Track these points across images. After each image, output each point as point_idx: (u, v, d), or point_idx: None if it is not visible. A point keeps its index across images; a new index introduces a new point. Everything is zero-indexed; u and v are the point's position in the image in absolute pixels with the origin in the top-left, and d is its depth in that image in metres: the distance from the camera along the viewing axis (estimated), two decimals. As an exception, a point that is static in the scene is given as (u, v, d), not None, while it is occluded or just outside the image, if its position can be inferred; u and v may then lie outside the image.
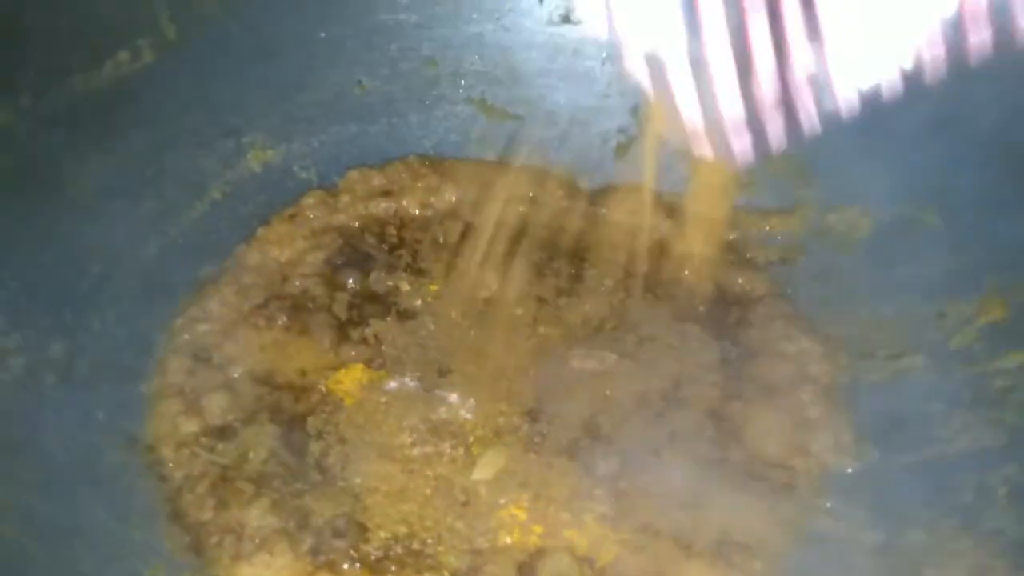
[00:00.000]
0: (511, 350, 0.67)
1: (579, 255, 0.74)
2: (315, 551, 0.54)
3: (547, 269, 0.73)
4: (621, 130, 0.83)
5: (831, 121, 0.75)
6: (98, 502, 0.54)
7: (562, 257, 0.74)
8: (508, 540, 0.56)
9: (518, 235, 0.75)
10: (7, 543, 0.48)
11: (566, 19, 0.82)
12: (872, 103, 0.70)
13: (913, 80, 0.67)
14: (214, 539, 0.54)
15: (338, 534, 0.54)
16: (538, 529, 0.57)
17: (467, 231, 0.75)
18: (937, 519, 0.56)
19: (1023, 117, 0.65)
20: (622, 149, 0.83)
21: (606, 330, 0.69)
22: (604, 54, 0.82)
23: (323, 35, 0.78)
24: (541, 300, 0.70)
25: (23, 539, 0.49)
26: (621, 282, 0.73)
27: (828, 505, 0.60)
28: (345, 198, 0.75)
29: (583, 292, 0.72)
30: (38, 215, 0.61)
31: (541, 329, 0.69)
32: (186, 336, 0.64)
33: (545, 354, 0.67)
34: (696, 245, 0.76)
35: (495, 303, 0.70)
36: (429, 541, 0.55)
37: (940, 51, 0.44)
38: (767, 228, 0.77)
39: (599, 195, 0.80)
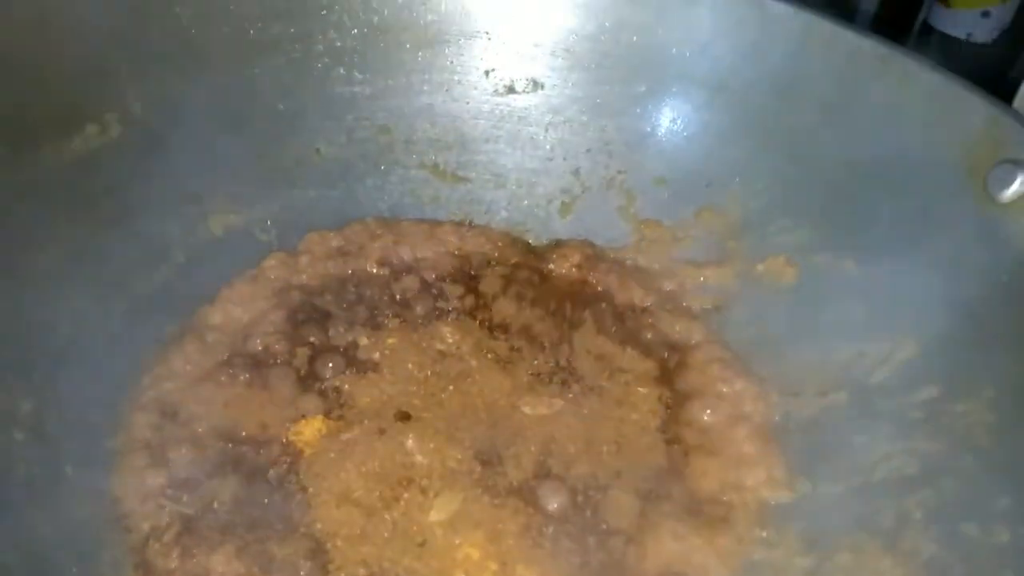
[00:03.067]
0: (465, 398, 0.70)
1: (529, 308, 0.79)
2: (278, 594, 0.56)
3: (498, 323, 0.77)
4: (564, 190, 0.88)
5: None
6: (66, 554, 0.56)
7: (513, 310, 0.78)
8: (463, 577, 0.59)
9: (470, 290, 0.80)
10: None
11: (511, 89, 0.88)
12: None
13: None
14: (180, 586, 0.56)
15: (300, 577, 0.57)
16: (492, 566, 0.60)
17: (423, 288, 0.79)
18: (862, 542, 0.60)
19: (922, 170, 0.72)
20: (566, 208, 0.88)
21: (554, 381, 0.73)
22: (547, 120, 0.88)
23: (282, 107, 0.82)
24: (493, 352, 0.74)
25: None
26: (567, 334, 0.77)
27: (764, 535, 0.64)
28: (305, 259, 0.79)
29: (532, 345, 0.76)
30: (8, 279, 0.64)
31: (493, 379, 0.72)
32: (152, 393, 0.67)
33: (496, 402, 0.71)
34: (638, 297, 0.81)
35: (449, 355, 0.74)
36: (388, 581, 0.58)
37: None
38: (701, 279, 0.82)
39: (546, 251, 0.85)
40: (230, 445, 0.64)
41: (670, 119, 0.86)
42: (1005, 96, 0.70)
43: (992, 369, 0.61)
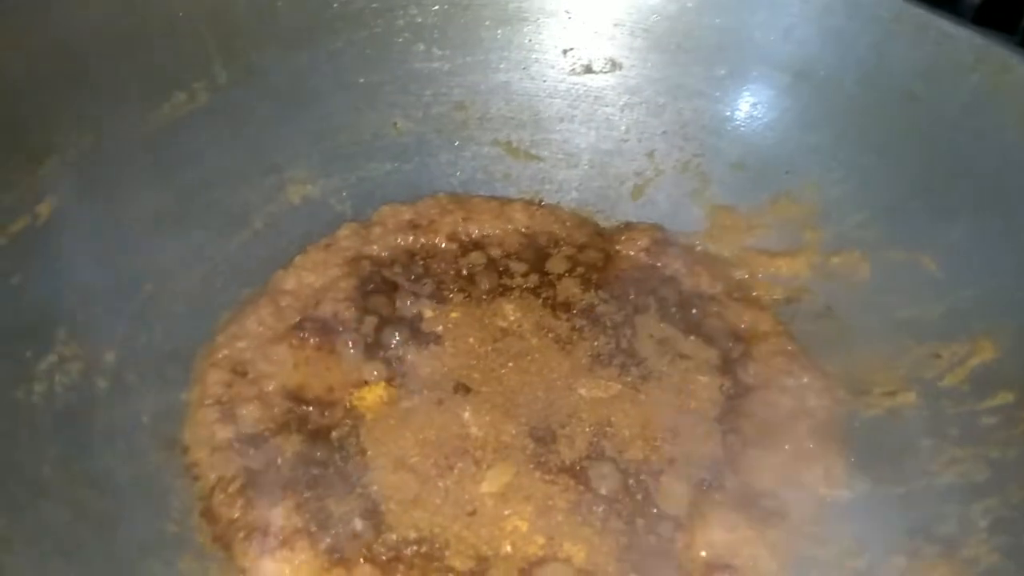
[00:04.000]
0: (523, 376, 0.71)
1: (593, 289, 0.79)
2: (332, 550, 0.58)
3: (562, 302, 0.78)
4: (638, 172, 0.88)
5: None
6: (139, 496, 0.59)
7: (577, 291, 0.78)
8: (510, 549, 0.60)
9: (535, 269, 0.80)
10: (61, 527, 0.54)
11: (588, 69, 0.88)
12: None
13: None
14: (241, 535, 0.59)
15: (354, 535, 0.59)
16: (539, 540, 0.61)
17: (489, 264, 0.80)
18: (919, 547, 0.59)
19: (1016, 168, 0.69)
20: (638, 190, 0.87)
21: (613, 364, 0.73)
22: (623, 101, 0.88)
23: (362, 81, 0.84)
24: (553, 331, 0.75)
25: (76, 524, 0.54)
26: (630, 318, 0.77)
27: (817, 531, 0.63)
28: (377, 230, 0.81)
29: (594, 326, 0.76)
30: (99, 238, 0.68)
31: (552, 358, 0.73)
32: (225, 351, 0.70)
33: (554, 381, 0.71)
34: (705, 284, 0.80)
35: (511, 332, 0.75)
36: (437, 546, 0.60)
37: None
38: (773, 269, 0.80)
39: (615, 233, 0.85)
40: (296, 405, 0.67)
41: (750, 104, 0.84)
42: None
43: (1072, 377, 0.59)
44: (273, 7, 0.78)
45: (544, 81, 0.88)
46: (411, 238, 0.81)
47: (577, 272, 0.80)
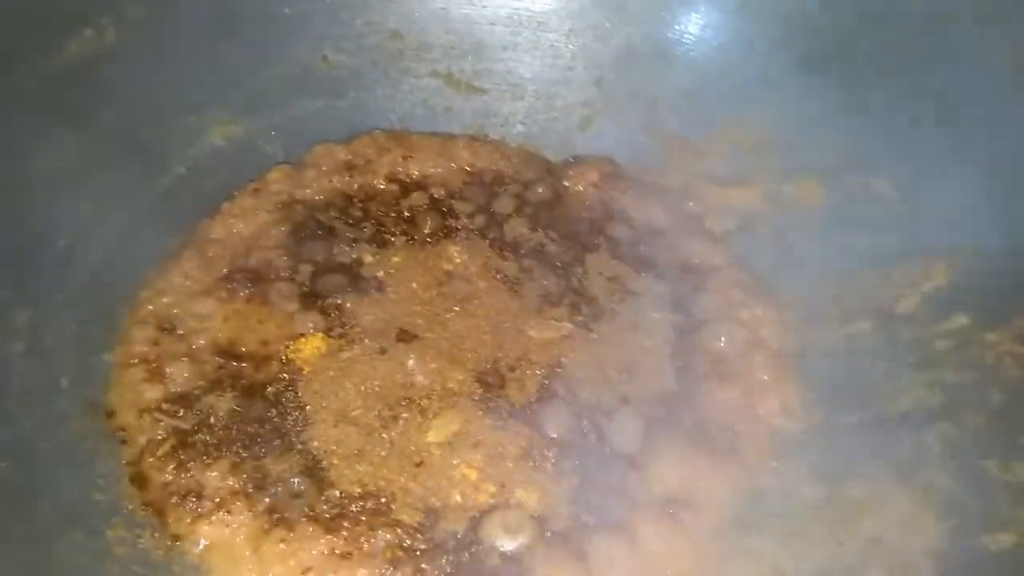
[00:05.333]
0: (470, 320, 0.68)
1: (542, 229, 0.76)
2: (272, 510, 0.56)
3: (510, 242, 0.74)
4: (585, 103, 0.84)
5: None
6: (61, 466, 0.56)
7: (525, 231, 0.75)
8: (459, 498, 0.58)
9: (481, 209, 0.77)
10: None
11: (530, -8, 0.83)
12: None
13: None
14: (174, 500, 0.56)
15: (294, 495, 0.56)
16: (490, 488, 0.58)
17: (432, 205, 0.77)
18: (875, 475, 0.58)
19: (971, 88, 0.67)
20: (586, 121, 0.84)
21: (564, 304, 0.70)
22: (567, 27, 0.83)
23: (287, 11, 0.79)
24: (502, 272, 0.72)
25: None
26: (580, 256, 0.74)
27: (774, 464, 0.62)
28: (310, 172, 0.77)
29: (543, 266, 0.73)
30: (6, 191, 0.63)
31: (500, 301, 0.70)
32: (150, 307, 0.66)
33: (503, 324, 0.68)
34: (657, 217, 0.77)
35: (456, 276, 0.72)
36: (383, 500, 0.57)
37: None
38: (726, 199, 0.78)
39: (564, 168, 0.81)
40: (229, 361, 0.64)
41: (699, 27, 0.81)
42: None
43: (1027, 297, 0.58)
44: (182, -71, 0.72)
45: (485, 7, 0.84)
46: (347, 179, 0.77)
47: (525, 212, 0.76)
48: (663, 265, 0.74)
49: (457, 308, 0.69)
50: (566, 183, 0.80)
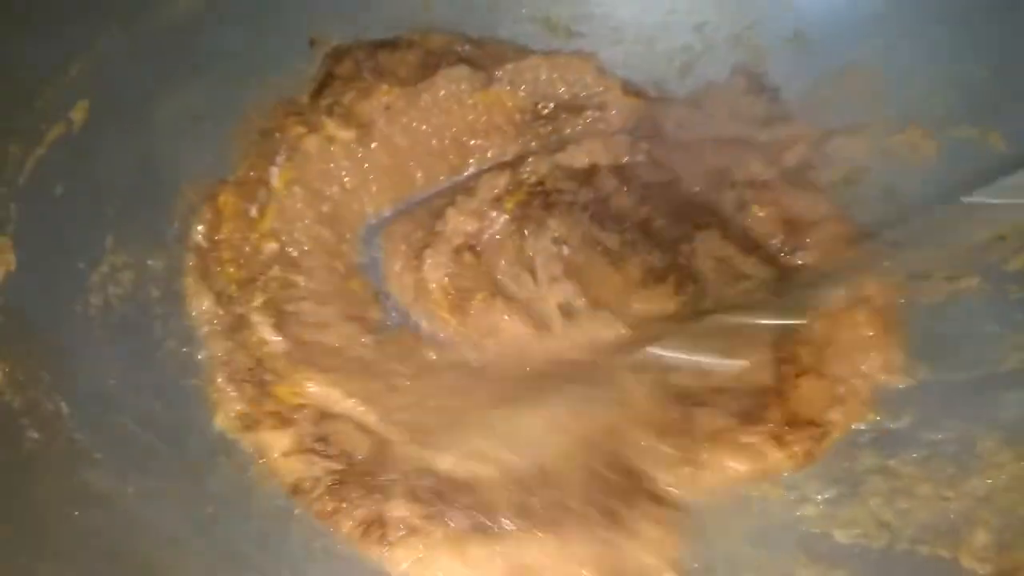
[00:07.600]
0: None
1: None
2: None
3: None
4: (686, 48, 0.83)
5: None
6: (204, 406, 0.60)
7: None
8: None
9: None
10: (132, 439, 0.55)
11: (632, -67, 0.81)
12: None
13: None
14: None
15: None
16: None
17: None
18: (978, 435, 0.59)
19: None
20: (686, 67, 0.83)
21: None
22: (671, -30, 0.82)
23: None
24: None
25: (144, 435, 0.55)
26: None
27: (876, 417, 0.63)
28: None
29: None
30: (135, 142, 0.65)
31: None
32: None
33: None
34: (758, 168, 0.77)
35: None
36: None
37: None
38: (831, 149, 0.77)
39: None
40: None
41: (808, -33, 0.78)
42: None
43: None
44: None
45: (582, -54, 0.82)
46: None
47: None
48: (766, 217, 0.74)
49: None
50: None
